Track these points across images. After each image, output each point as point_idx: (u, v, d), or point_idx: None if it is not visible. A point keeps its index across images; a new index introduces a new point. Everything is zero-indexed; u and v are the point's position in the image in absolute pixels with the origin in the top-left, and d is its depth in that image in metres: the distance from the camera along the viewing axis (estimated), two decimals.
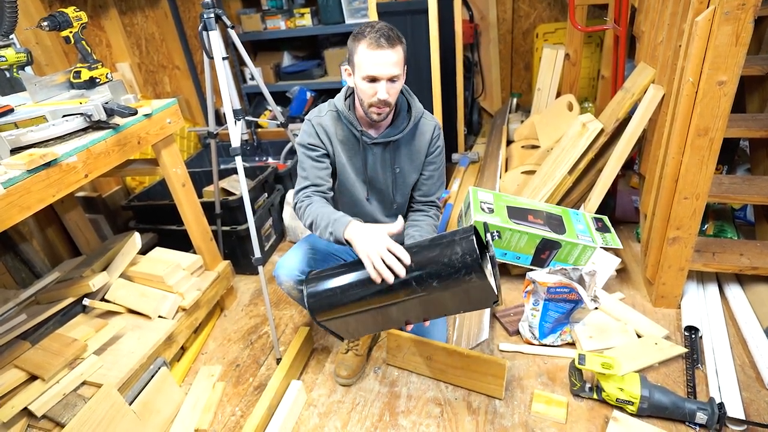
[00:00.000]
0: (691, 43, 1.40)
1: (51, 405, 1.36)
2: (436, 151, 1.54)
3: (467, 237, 1.13)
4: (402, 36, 1.30)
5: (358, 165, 1.50)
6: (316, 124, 1.45)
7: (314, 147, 1.44)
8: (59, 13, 1.53)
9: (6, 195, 1.17)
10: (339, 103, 1.45)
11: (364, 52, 1.27)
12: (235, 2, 3.66)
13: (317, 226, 1.35)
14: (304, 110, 3.50)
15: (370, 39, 1.25)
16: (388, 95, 1.31)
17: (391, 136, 1.45)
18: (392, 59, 1.27)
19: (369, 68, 1.27)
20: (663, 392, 1.39)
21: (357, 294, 1.22)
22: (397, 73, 1.29)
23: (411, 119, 1.46)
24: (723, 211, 2.15)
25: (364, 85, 1.31)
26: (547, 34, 3.48)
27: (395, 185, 1.55)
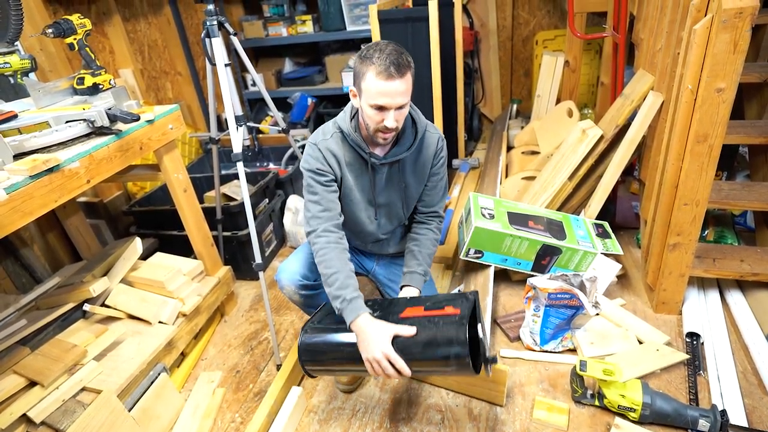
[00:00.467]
0: (690, 50, 1.41)
1: (50, 411, 1.35)
2: (440, 162, 1.51)
3: (461, 341, 1.17)
4: (410, 58, 1.26)
5: (366, 186, 1.47)
6: (323, 149, 1.39)
7: (323, 172, 1.39)
8: (64, 20, 1.55)
9: (8, 200, 1.17)
10: (344, 124, 1.39)
11: (372, 80, 1.21)
12: (238, 9, 3.69)
13: (327, 284, 1.34)
14: (305, 116, 3.52)
15: (379, 67, 1.20)
16: (396, 122, 1.28)
17: (398, 154, 1.42)
18: (401, 89, 1.23)
19: (377, 98, 1.23)
20: (665, 399, 1.39)
21: (350, 365, 1.34)
22: (406, 101, 1.26)
23: (416, 135, 1.43)
24: (723, 217, 2.15)
25: (371, 111, 1.27)
26: (547, 41, 3.50)
27: (403, 201, 1.53)
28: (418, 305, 1.31)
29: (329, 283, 1.34)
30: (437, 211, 1.60)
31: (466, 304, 1.25)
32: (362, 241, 1.65)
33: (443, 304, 1.27)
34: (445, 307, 1.25)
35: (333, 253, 1.36)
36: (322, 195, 1.40)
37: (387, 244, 1.68)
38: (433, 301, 1.32)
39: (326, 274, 1.35)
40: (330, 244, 1.37)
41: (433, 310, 1.27)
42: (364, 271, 1.77)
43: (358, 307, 1.29)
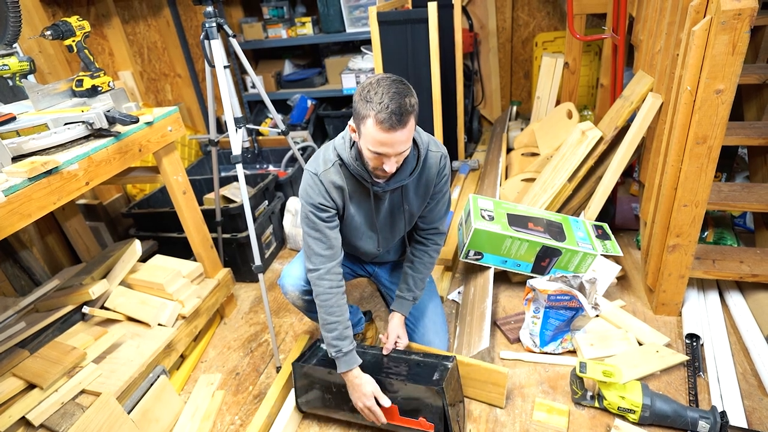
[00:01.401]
0: (689, 52, 1.41)
1: (49, 414, 1.35)
2: (443, 180, 1.46)
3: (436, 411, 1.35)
4: (414, 97, 1.16)
5: (368, 213, 1.43)
6: (326, 182, 1.32)
7: (326, 208, 1.34)
8: (62, 22, 1.55)
9: (7, 203, 1.17)
10: (344, 153, 1.31)
11: (372, 128, 1.13)
12: (237, 11, 3.70)
13: (325, 330, 1.40)
14: (304, 118, 3.52)
15: (380, 115, 1.10)
16: (396, 165, 1.22)
17: (401, 180, 1.35)
18: (403, 138, 1.15)
19: (377, 147, 1.16)
20: (665, 400, 1.38)
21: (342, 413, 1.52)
22: (407, 147, 1.20)
23: (419, 158, 1.35)
24: (723, 218, 2.15)
25: (371, 155, 1.20)
26: (546, 43, 3.51)
27: (405, 223, 1.51)
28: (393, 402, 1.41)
29: (328, 329, 1.39)
30: (437, 228, 1.57)
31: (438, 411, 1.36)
32: (362, 257, 1.66)
33: (416, 405, 1.39)
34: (419, 417, 1.39)
35: (334, 299, 1.39)
36: (324, 233, 1.36)
37: (387, 254, 1.68)
38: (405, 398, 1.41)
39: (327, 320, 1.39)
40: (332, 289, 1.39)
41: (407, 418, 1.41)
42: (366, 273, 1.77)
43: (353, 360, 1.38)
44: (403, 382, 1.38)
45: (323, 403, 1.52)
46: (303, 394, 1.55)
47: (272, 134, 3.35)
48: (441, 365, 1.42)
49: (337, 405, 1.49)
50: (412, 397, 1.38)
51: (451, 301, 2.06)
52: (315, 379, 1.51)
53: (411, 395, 1.38)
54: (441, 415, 1.34)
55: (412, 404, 1.38)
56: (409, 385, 1.37)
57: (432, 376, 1.38)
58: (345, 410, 1.48)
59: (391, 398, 1.39)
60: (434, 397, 1.33)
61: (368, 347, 1.59)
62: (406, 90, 1.15)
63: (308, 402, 1.55)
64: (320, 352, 1.59)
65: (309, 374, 1.52)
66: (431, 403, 1.34)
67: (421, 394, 1.36)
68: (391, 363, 1.49)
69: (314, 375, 1.51)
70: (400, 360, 1.50)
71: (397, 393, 1.40)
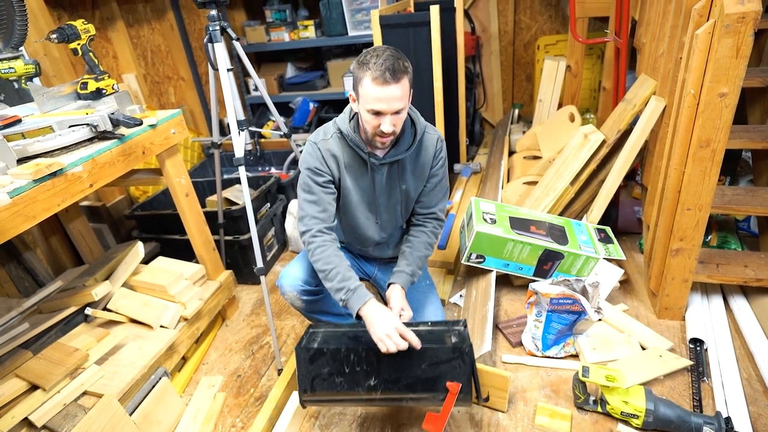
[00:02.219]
0: (692, 55, 1.41)
1: (51, 415, 1.35)
2: (439, 163, 1.52)
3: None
4: (407, 63, 1.27)
5: (365, 187, 1.48)
6: (323, 149, 1.40)
7: (321, 172, 1.41)
8: (68, 25, 1.56)
9: (12, 204, 1.17)
10: (344, 125, 1.40)
11: (368, 86, 1.23)
12: (240, 14, 3.71)
13: (328, 279, 1.35)
14: (306, 121, 3.53)
15: (375, 72, 1.21)
16: (392, 127, 1.29)
17: (397, 155, 1.42)
18: (397, 94, 1.23)
19: (373, 103, 1.25)
20: (668, 406, 1.38)
21: (347, 395, 1.37)
22: (402, 106, 1.27)
23: (415, 136, 1.43)
24: (726, 222, 2.14)
25: (369, 116, 1.28)
26: (549, 46, 3.51)
27: (402, 202, 1.53)
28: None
29: (330, 278, 1.35)
30: (435, 213, 1.59)
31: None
32: (363, 246, 1.65)
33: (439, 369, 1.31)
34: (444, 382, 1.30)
35: (330, 250, 1.38)
36: (318, 195, 1.41)
37: (387, 247, 1.68)
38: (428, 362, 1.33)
39: (326, 270, 1.36)
40: (326, 242, 1.39)
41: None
42: (366, 276, 1.77)
43: (364, 294, 1.31)
44: (432, 347, 1.29)
45: (334, 388, 1.35)
46: (308, 382, 1.36)
47: (274, 137, 3.36)
48: (453, 330, 1.36)
49: (351, 387, 1.34)
50: (439, 360, 1.29)
51: (452, 305, 2.05)
52: (324, 360, 1.35)
53: (438, 359, 1.29)
54: (467, 375, 1.27)
55: (439, 368, 1.29)
56: (435, 349, 1.29)
57: (450, 339, 1.32)
58: (360, 390, 1.33)
59: (416, 367, 1.29)
60: (462, 357, 1.27)
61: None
62: (400, 55, 1.26)
63: (315, 390, 1.36)
64: (318, 335, 1.43)
65: (316, 355, 1.35)
66: (459, 364, 1.27)
67: (448, 356, 1.27)
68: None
69: (322, 356, 1.35)
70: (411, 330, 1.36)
71: (423, 359, 1.29)
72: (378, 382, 1.32)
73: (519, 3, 3.55)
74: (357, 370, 1.33)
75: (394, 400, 1.37)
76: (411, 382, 1.31)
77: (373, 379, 1.32)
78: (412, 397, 1.33)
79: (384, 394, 1.33)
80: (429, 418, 1.26)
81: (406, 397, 1.33)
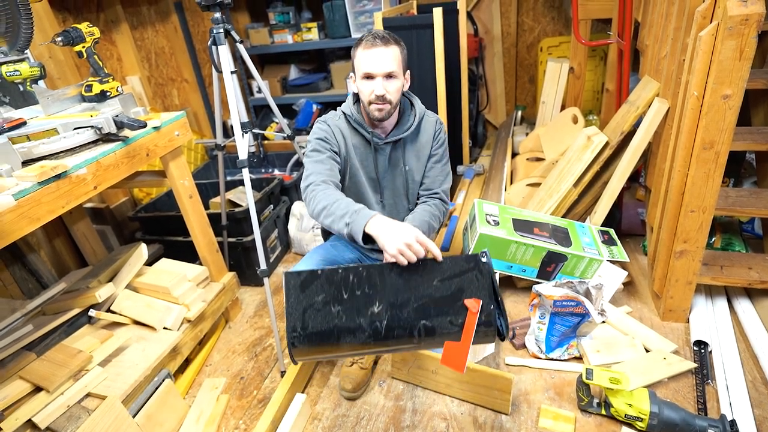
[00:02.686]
0: (695, 57, 1.41)
1: (55, 417, 1.36)
2: (439, 143, 1.59)
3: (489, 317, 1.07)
4: (400, 40, 1.38)
5: (370, 168, 1.55)
6: (332, 125, 1.50)
7: (330, 142, 1.48)
8: (73, 28, 1.57)
9: (17, 206, 1.18)
10: (347, 108, 1.51)
11: (361, 53, 1.37)
12: (244, 17, 3.73)
13: (330, 213, 1.24)
14: (310, 123, 3.54)
15: (366, 42, 1.35)
16: (385, 91, 1.36)
17: (399, 134, 1.51)
18: (387, 56, 1.34)
19: (365, 66, 1.35)
20: (673, 408, 1.37)
21: (349, 344, 1.11)
22: (393, 69, 1.35)
23: (415, 117, 1.52)
24: (730, 224, 2.13)
25: (363, 84, 1.38)
26: (551, 48, 3.51)
27: (405, 184, 1.59)
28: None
29: (332, 210, 1.24)
30: (438, 193, 1.62)
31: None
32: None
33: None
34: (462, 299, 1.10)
35: (333, 191, 1.31)
36: (325, 156, 1.45)
37: None
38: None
39: (328, 204, 1.26)
40: (329, 187, 1.33)
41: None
42: None
43: (369, 212, 1.19)
44: (434, 262, 1.13)
45: (330, 321, 1.09)
46: (299, 315, 1.09)
47: (278, 138, 3.37)
48: (468, 256, 1.17)
49: (350, 316, 1.09)
50: (453, 273, 1.12)
51: None
52: (318, 284, 1.12)
53: (451, 271, 1.12)
54: (489, 289, 1.10)
55: (453, 284, 1.11)
56: (448, 259, 1.13)
57: (466, 258, 1.16)
58: (362, 321, 1.09)
59: (427, 284, 1.12)
60: (479, 267, 1.11)
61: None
62: (393, 34, 1.39)
63: (307, 326, 1.09)
64: (304, 273, 1.14)
65: (309, 279, 1.12)
66: (476, 275, 1.11)
67: (463, 266, 1.12)
68: (413, 264, 1.15)
69: (316, 280, 1.12)
70: (424, 260, 1.17)
71: (434, 274, 1.13)
72: (383, 308, 1.10)
73: (522, 5, 3.55)
74: (357, 295, 1.10)
75: (404, 334, 1.09)
76: (422, 303, 1.10)
77: (377, 305, 1.10)
78: (425, 324, 1.09)
79: (391, 323, 1.09)
80: (448, 350, 1.07)
81: (419, 325, 1.09)
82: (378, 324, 1.09)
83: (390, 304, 1.10)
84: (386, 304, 1.10)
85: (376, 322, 1.09)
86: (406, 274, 1.12)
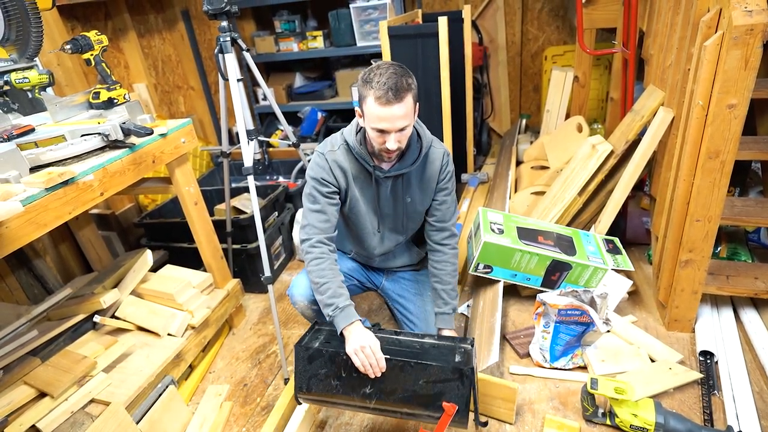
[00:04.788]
0: (701, 67, 1.41)
1: (59, 423, 1.36)
2: (447, 177, 1.53)
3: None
4: (411, 78, 1.27)
5: (371, 198, 1.50)
6: (330, 160, 1.43)
7: (327, 183, 1.44)
8: (81, 36, 1.59)
9: (24, 212, 1.19)
10: (350, 138, 1.43)
11: (372, 105, 1.25)
12: (250, 25, 3.76)
13: (319, 292, 1.39)
14: (315, 130, 3.55)
15: (378, 92, 1.22)
16: (397, 143, 1.30)
17: (403, 169, 1.44)
18: (400, 113, 1.24)
19: (377, 123, 1.26)
20: (679, 419, 1.36)
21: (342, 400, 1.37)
22: (406, 124, 1.28)
23: (421, 150, 1.45)
24: (736, 233, 2.12)
25: (374, 134, 1.31)
26: (556, 57, 3.52)
27: (406, 215, 1.55)
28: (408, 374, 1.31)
29: (321, 291, 1.38)
30: (450, 230, 1.59)
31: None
32: (368, 255, 1.65)
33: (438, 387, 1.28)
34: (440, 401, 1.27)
35: (325, 263, 1.40)
36: (322, 205, 1.44)
37: (393, 257, 1.69)
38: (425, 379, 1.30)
39: (318, 283, 1.39)
40: (324, 255, 1.41)
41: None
42: (373, 286, 1.77)
43: (351, 314, 1.34)
44: (429, 364, 1.27)
45: (329, 390, 1.36)
46: (305, 381, 1.38)
47: (283, 146, 3.38)
48: (460, 348, 1.33)
49: (346, 391, 1.34)
50: (438, 379, 1.26)
51: (460, 315, 2.04)
52: (321, 363, 1.36)
53: (436, 377, 1.27)
54: (465, 398, 1.24)
55: (437, 387, 1.27)
56: (435, 367, 1.26)
57: (453, 358, 1.29)
58: (354, 396, 1.33)
59: (413, 382, 1.28)
60: (462, 379, 1.24)
61: (380, 329, 1.46)
62: (404, 72, 1.26)
63: (311, 390, 1.38)
64: (321, 334, 1.44)
65: (314, 356, 1.37)
66: (457, 385, 1.25)
67: (447, 375, 1.25)
68: (405, 345, 1.37)
69: (321, 357, 1.36)
70: (415, 343, 1.38)
71: (420, 375, 1.28)
72: (373, 391, 1.31)
73: (526, 14, 3.57)
74: (354, 376, 1.32)
75: (389, 412, 1.35)
76: (407, 396, 1.29)
77: (368, 388, 1.32)
78: (406, 411, 1.32)
79: (378, 404, 1.32)
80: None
81: (401, 410, 1.32)
82: (368, 402, 1.32)
83: (380, 390, 1.31)
84: (376, 389, 1.31)
85: (366, 401, 1.32)
86: (397, 370, 1.30)
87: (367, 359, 1.26)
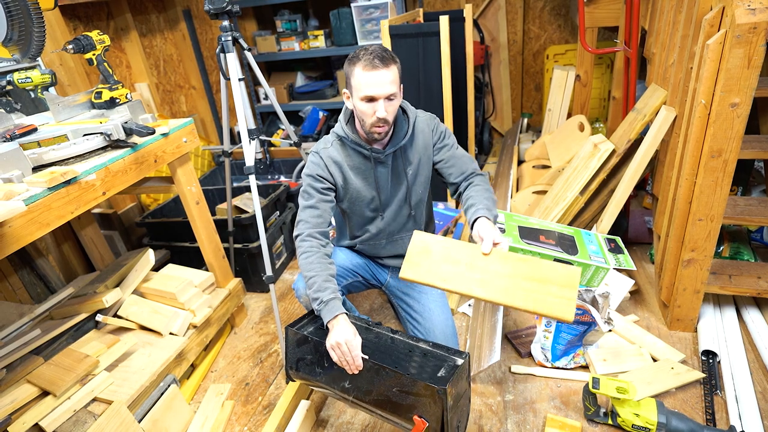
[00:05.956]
0: (703, 65, 1.41)
1: (61, 422, 1.36)
2: (441, 136, 1.55)
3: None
4: (395, 56, 1.35)
5: (371, 184, 1.53)
6: (324, 157, 1.48)
7: (322, 179, 1.47)
8: (84, 36, 1.59)
9: (27, 212, 1.19)
10: (340, 130, 1.48)
11: (360, 74, 1.31)
12: (251, 24, 3.76)
13: (308, 286, 1.39)
14: (316, 129, 3.55)
15: (365, 61, 1.30)
16: (386, 113, 1.34)
17: (398, 143, 1.49)
18: (388, 78, 1.31)
19: (366, 89, 1.31)
20: (681, 419, 1.36)
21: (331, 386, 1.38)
22: (394, 91, 1.33)
23: (409, 122, 1.50)
24: (739, 232, 2.12)
25: (363, 105, 1.34)
26: (558, 56, 3.51)
27: (408, 191, 1.57)
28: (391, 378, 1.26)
29: (309, 285, 1.39)
30: (473, 171, 1.56)
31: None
32: (375, 242, 1.66)
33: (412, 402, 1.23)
34: (413, 413, 1.22)
35: (314, 257, 1.41)
36: (316, 201, 1.47)
37: (402, 242, 1.66)
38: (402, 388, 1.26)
39: (307, 276, 1.40)
40: (312, 248, 1.42)
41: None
42: (378, 283, 1.77)
43: (335, 308, 1.33)
44: (401, 374, 1.22)
45: (313, 376, 1.40)
46: (294, 361, 1.44)
47: (284, 145, 3.39)
48: (450, 360, 1.27)
49: (327, 381, 1.37)
50: (410, 391, 1.22)
51: (461, 314, 2.04)
52: (307, 349, 1.40)
53: (409, 388, 1.22)
54: (439, 418, 1.18)
55: (409, 399, 1.22)
56: (407, 377, 1.21)
57: (437, 371, 1.24)
58: (335, 388, 1.35)
59: (387, 387, 1.25)
60: (434, 398, 1.17)
61: (375, 324, 1.45)
62: (387, 49, 1.34)
63: (299, 371, 1.44)
64: (315, 322, 1.48)
65: (301, 342, 1.41)
66: (430, 402, 1.19)
67: (420, 390, 1.20)
68: (394, 347, 1.35)
69: (307, 344, 1.40)
70: (406, 347, 1.35)
71: (394, 383, 1.24)
72: (351, 387, 1.32)
73: (528, 12, 3.56)
74: (335, 369, 1.33)
75: (366, 410, 1.36)
76: (381, 399, 1.28)
77: (347, 383, 1.33)
78: (380, 414, 1.31)
79: (356, 399, 1.33)
80: None
81: (376, 411, 1.31)
82: (347, 395, 1.34)
83: (356, 387, 1.31)
84: (354, 385, 1.32)
85: (345, 394, 1.34)
86: (373, 372, 1.28)
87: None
